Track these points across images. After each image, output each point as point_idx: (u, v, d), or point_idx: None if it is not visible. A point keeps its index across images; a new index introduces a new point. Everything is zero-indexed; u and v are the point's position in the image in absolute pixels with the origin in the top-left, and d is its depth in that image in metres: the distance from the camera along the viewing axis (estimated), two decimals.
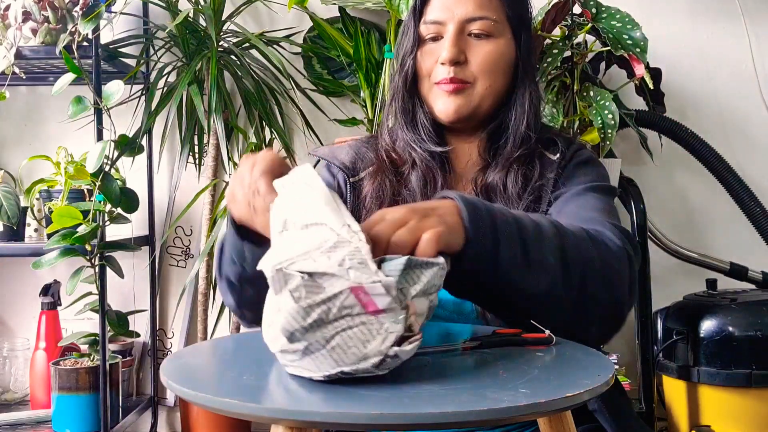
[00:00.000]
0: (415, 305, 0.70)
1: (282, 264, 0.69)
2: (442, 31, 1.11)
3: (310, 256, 0.69)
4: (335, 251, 0.69)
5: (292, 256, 0.69)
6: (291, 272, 0.68)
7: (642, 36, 1.65)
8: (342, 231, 0.70)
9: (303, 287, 0.68)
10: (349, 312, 0.67)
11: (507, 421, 0.84)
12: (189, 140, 1.96)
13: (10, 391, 2.06)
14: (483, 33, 1.10)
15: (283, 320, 0.68)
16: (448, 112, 1.10)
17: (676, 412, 1.81)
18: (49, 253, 1.72)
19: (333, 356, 0.68)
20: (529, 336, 0.84)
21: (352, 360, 0.68)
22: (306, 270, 0.68)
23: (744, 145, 2.07)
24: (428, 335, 0.95)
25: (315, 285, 0.68)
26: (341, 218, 0.71)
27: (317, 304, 0.67)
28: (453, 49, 1.08)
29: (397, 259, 0.70)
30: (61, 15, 1.83)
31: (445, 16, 1.10)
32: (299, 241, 0.71)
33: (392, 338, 0.68)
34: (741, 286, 1.95)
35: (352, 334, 0.68)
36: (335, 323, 0.68)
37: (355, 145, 1.19)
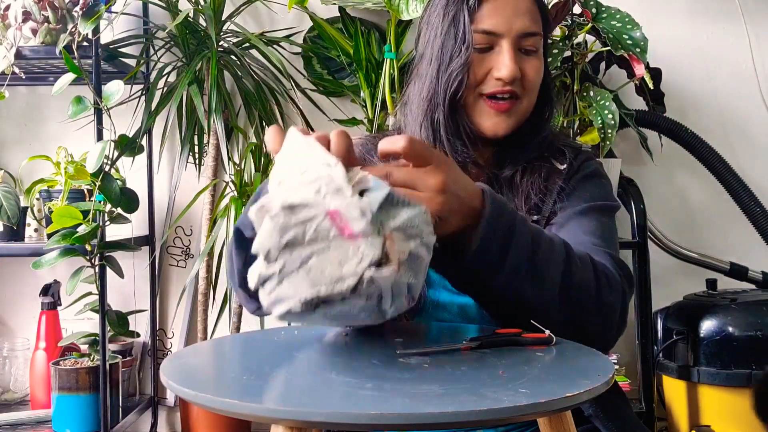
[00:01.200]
0: (393, 238, 0.71)
1: (263, 202, 0.71)
2: (494, 42, 1.06)
3: (287, 191, 0.71)
4: (314, 183, 0.71)
5: (273, 196, 0.72)
6: (270, 206, 0.70)
7: (642, 36, 1.65)
8: (321, 168, 0.73)
9: (282, 214, 0.70)
10: (325, 235, 0.69)
11: (507, 421, 0.84)
12: (189, 140, 1.96)
13: (10, 391, 2.06)
14: (532, 48, 1.07)
15: (259, 239, 0.70)
16: (497, 131, 1.07)
17: (676, 412, 1.81)
18: (49, 253, 1.72)
19: (309, 276, 0.69)
20: (529, 336, 0.84)
21: (328, 281, 0.69)
22: (287, 201, 0.70)
23: (744, 145, 2.07)
24: (431, 335, 0.96)
25: (293, 213, 0.70)
26: (321, 159, 0.74)
27: (293, 226, 0.69)
28: (514, 67, 1.04)
29: (379, 190, 0.72)
30: (61, 15, 1.83)
31: (502, 28, 1.05)
32: (290, 184, 0.73)
33: (368, 260, 0.69)
34: (741, 286, 1.95)
35: (328, 255, 0.69)
36: (311, 245, 0.69)
37: (363, 143, 1.16)
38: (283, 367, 0.76)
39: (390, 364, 0.75)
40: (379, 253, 0.69)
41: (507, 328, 0.88)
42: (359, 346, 0.83)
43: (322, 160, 0.74)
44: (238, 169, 1.93)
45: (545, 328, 0.86)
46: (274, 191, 0.73)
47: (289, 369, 0.75)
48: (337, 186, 0.71)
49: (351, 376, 0.70)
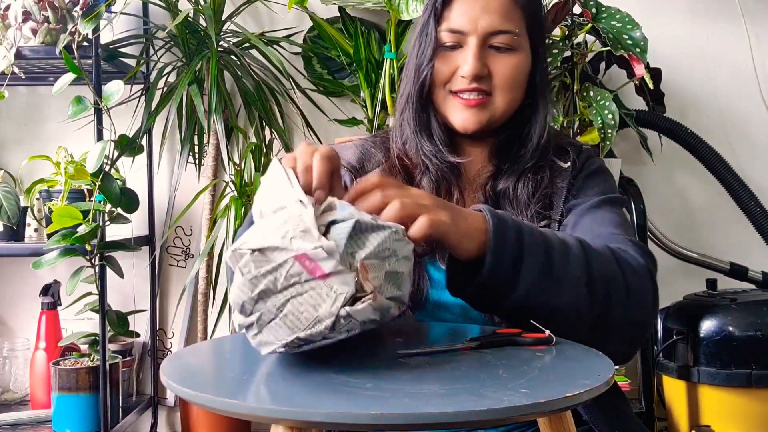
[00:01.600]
0: (367, 267, 0.72)
1: (237, 245, 0.72)
2: (462, 40, 1.07)
3: (263, 234, 0.72)
4: (284, 225, 0.72)
5: (247, 238, 0.72)
6: (242, 251, 0.71)
7: (642, 36, 1.65)
8: (294, 206, 0.74)
9: (252, 262, 0.70)
10: (297, 279, 0.70)
11: (507, 421, 0.84)
12: (189, 140, 1.96)
13: (10, 391, 2.06)
14: (505, 46, 1.07)
15: (233, 294, 0.71)
16: (467, 126, 1.08)
17: (676, 412, 1.81)
18: (49, 253, 1.72)
19: (287, 323, 0.70)
20: (529, 336, 0.84)
21: (305, 325, 0.70)
22: (255, 247, 0.71)
23: (744, 145, 2.07)
24: (431, 335, 0.96)
25: (263, 259, 0.70)
26: (295, 195, 0.75)
27: (263, 275, 0.70)
28: (477, 64, 1.05)
29: (345, 222, 0.72)
30: (61, 15, 1.83)
31: (468, 26, 1.06)
32: (264, 225, 0.74)
33: (341, 299, 0.70)
34: (741, 286, 1.95)
35: (302, 300, 0.70)
36: (284, 292, 0.70)
37: (361, 145, 1.17)
38: (283, 367, 0.76)
39: (390, 364, 0.75)
40: (352, 289, 0.70)
41: (509, 328, 0.88)
42: (359, 346, 0.83)
43: (295, 197, 0.76)
44: (238, 169, 1.93)
45: (580, 328, 0.87)
46: (246, 234, 0.74)
47: (289, 369, 0.75)
48: (305, 228, 0.71)
49: (351, 376, 0.70)
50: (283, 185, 0.78)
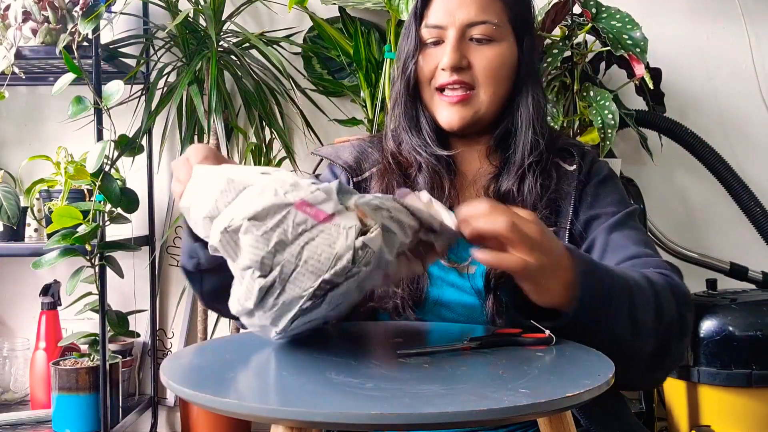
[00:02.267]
0: (362, 210, 0.74)
1: (223, 226, 0.73)
2: (443, 35, 1.09)
3: (249, 202, 0.73)
4: (265, 191, 0.73)
5: (232, 214, 0.73)
6: (235, 224, 0.72)
7: (642, 36, 1.65)
8: (260, 179, 0.75)
9: (252, 227, 0.71)
10: (305, 227, 0.72)
11: (507, 421, 0.84)
12: (189, 140, 1.96)
13: (10, 391, 2.06)
14: (485, 38, 1.07)
15: (248, 256, 0.72)
16: (452, 123, 1.09)
17: (676, 412, 1.81)
18: (49, 253, 1.72)
19: (309, 269, 0.71)
20: (529, 336, 0.84)
21: (327, 265, 0.71)
22: (249, 214, 0.72)
23: (744, 145, 2.07)
24: (431, 335, 0.96)
25: (261, 222, 0.72)
26: (254, 172, 0.77)
27: (271, 229, 0.71)
28: (454, 55, 1.06)
29: (330, 183, 0.76)
30: (61, 15, 1.83)
31: (446, 20, 1.08)
32: (241, 200, 0.75)
33: (353, 232, 0.72)
34: (741, 286, 1.95)
35: (316, 243, 0.72)
36: (297, 241, 0.71)
37: (358, 145, 1.17)
38: (283, 367, 0.76)
39: (390, 364, 0.75)
40: (358, 223, 0.72)
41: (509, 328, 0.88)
42: (359, 346, 0.83)
43: (254, 172, 0.77)
44: None
45: (636, 361, 0.89)
46: (223, 217, 0.74)
47: (289, 369, 0.75)
48: (293, 182, 0.74)
49: (351, 376, 0.70)
50: (222, 178, 0.77)
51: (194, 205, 0.80)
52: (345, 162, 1.14)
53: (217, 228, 0.74)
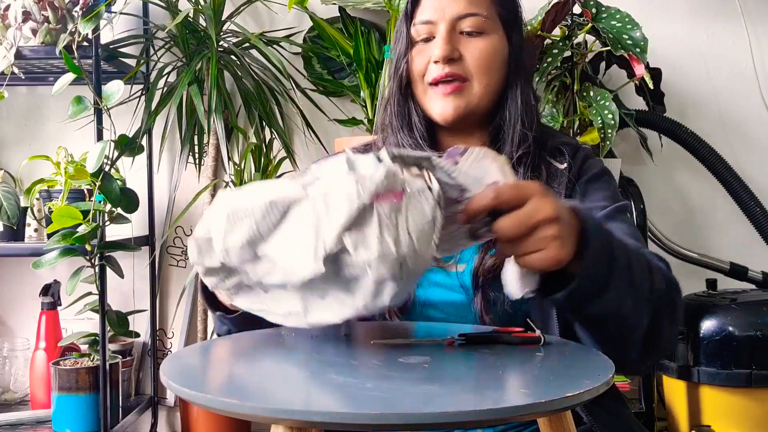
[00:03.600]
0: (412, 171, 0.75)
1: (320, 255, 0.72)
2: (433, 31, 1.10)
3: (325, 226, 0.72)
4: (334, 202, 0.72)
5: (315, 244, 0.72)
6: (332, 246, 0.71)
7: (642, 36, 1.65)
8: (299, 191, 0.74)
9: (357, 238, 0.71)
10: (397, 213, 0.72)
11: (507, 421, 0.84)
12: (189, 140, 1.96)
13: (10, 391, 2.06)
14: (475, 30, 1.09)
15: (376, 269, 0.71)
16: (446, 114, 1.09)
17: (676, 412, 1.81)
18: (49, 253, 1.72)
19: (423, 244, 0.72)
20: (519, 335, 0.85)
21: (432, 230, 0.73)
22: (340, 229, 0.71)
23: (744, 145, 2.07)
24: (430, 334, 0.95)
25: (360, 230, 0.71)
26: (287, 186, 0.75)
27: (379, 233, 0.71)
28: (446, 46, 1.07)
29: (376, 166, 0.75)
30: (61, 15, 1.83)
31: (435, 15, 1.09)
32: (304, 233, 0.73)
33: (428, 193, 0.73)
34: (741, 286, 1.95)
35: (413, 220, 0.72)
36: (400, 229, 0.72)
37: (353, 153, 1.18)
38: (283, 367, 0.76)
39: (390, 364, 0.75)
40: (421, 181, 0.74)
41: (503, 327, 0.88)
42: (359, 346, 0.83)
43: (287, 186, 0.75)
44: (238, 169, 1.93)
45: (635, 339, 0.88)
46: (296, 243, 0.73)
47: (289, 369, 0.76)
48: (350, 183, 0.72)
49: (351, 376, 0.70)
50: (261, 205, 0.75)
51: (222, 232, 0.77)
52: None
53: (308, 259, 0.72)
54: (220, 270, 0.80)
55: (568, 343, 0.85)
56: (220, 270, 0.80)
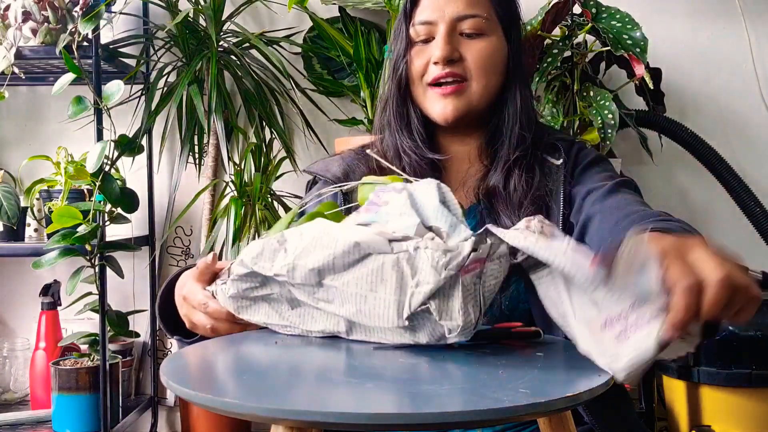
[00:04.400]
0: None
1: (407, 311, 0.76)
2: (433, 31, 1.10)
3: (409, 285, 0.75)
4: (421, 269, 0.75)
5: (393, 299, 0.76)
6: (417, 303, 0.75)
7: (642, 36, 1.65)
8: (382, 244, 0.76)
9: (440, 305, 0.75)
10: (474, 282, 0.75)
11: (507, 421, 0.84)
12: (189, 140, 1.96)
13: (10, 391, 2.06)
14: (474, 31, 1.09)
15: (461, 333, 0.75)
16: (446, 114, 1.09)
17: (677, 412, 1.81)
18: (49, 253, 1.72)
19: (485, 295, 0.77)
20: (518, 330, 0.86)
21: (496, 288, 0.78)
22: (426, 296, 0.74)
23: (744, 145, 2.07)
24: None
25: (445, 301, 0.75)
26: (366, 232, 0.78)
27: (463, 302, 0.74)
28: (446, 47, 1.07)
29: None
30: (61, 15, 1.83)
31: (435, 16, 1.09)
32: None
33: (506, 259, 0.78)
34: None
35: (488, 283, 0.77)
36: (472, 292, 0.76)
37: (347, 157, 1.18)
38: (283, 367, 0.76)
39: (390, 364, 0.75)
40: (486, 245, 0.77)
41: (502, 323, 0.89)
42: (359, 346, 0.83)
43: (366, 231, 0.78)
44: (238, 169, 1.93)
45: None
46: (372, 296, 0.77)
47: (289, 369, 0.75)
48: (435, 251, 0.74)
49: (351, 376, 0.70)
50: (346, 242, 0.78)
51: (299, 249, 0.80)
52: (333, 175, 1.14)
53: (390, 312, 0.76)
54: (256, 278, 0.84)
55: (568, 343, 0.85)
56: (256, 278, 0.84)
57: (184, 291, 0.96)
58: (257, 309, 0.88)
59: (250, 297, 0.87)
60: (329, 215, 0.89)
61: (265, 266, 0.82)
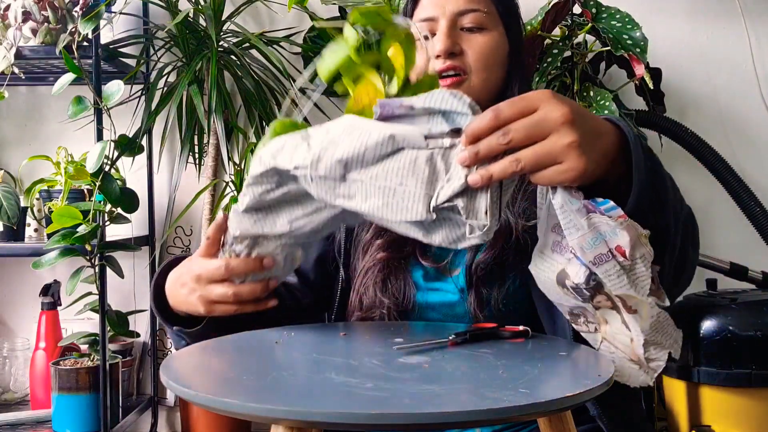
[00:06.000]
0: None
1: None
2: (434, 27, 1.10)
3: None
4: (453, 164, 0.75)
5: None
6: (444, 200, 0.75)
7: (642, 36, 1.65)
8: (428, 142, 0.75)
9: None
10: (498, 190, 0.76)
11: (507, 420, 0.84)
12: (189, 140, 1.96)
13: (10, 391, 2.06)
14: (476, 26, 1.10)
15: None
16: None
17: (677, 412, 1.81)
18: (49, 253, 1.72)
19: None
20: (507, 330, 0.86)
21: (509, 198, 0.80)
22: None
23: (744, 145, 2.07)
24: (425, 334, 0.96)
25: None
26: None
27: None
28: (447, 41, 1.08)
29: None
30: (61, 15, 1.83)
31: (436, 11, 1.10)
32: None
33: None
34: (741, 286, 1.95)
35: (505, 194, 0.77)
36: (496, 199, 0.76)
37: None
38: (283, 367, 0.76)
39: (390, 364, 0.75)
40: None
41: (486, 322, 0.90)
42: (359, 346, 0.83)
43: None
44: (238, 169, 1.93)
45: (670, 261, 0.82)
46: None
47: (289, 369, 0.76)
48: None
49: (351, 376, 0.70)
50: (379, 134, 0.77)
51: (326, 142, 0.78)
52: None
53: (418, 205, 0.75)
54: (272, 179, 0.82)
55: (567, 342, 0.85)
56: (272, 179, 0.82)
57: (195, 270, 0.94)
58: (277, 214, 0.85)
59: (266, 203, 0.84)
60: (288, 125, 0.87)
61: (285, 159, 0.80)
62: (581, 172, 0.70)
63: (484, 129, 0.72)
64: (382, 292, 1.05)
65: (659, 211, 0.80)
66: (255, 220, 0.87)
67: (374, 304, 1.05)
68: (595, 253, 0.72)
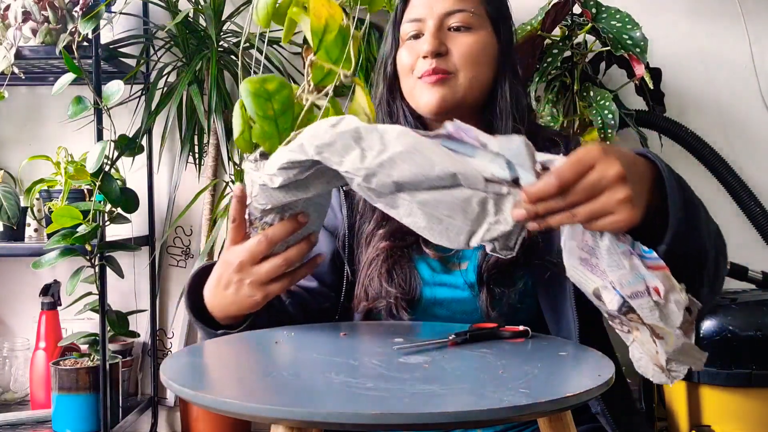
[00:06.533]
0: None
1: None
2: (422, 28, 1.11)
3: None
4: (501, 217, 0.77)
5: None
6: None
7: (642, 36, 1.65)
8: (487, 186, 0.77)
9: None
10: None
11: (507, 421, 0.84)
12: (189, 140, 1.96)
13: (10, 391, 2.06)
14: (463, 26, 1.10)
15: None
16: (431, 104, 1.09)
17: (676, 412, 1.81)
18: (49, 253, 1.72)
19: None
20: (507, 330, 0.86)
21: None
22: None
23: (744, 145, 2.07)
24: (423, 334, 0.96)
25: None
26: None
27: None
28: (434, 41, 1.08)
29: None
30: (61, 15, 1.83)
31: (424, 13, 1.11)
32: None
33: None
34: (741, 286, 1.95)
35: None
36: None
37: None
38: (283, 367, 0.76)
39: (390, 364, 0.75)
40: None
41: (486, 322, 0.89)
42: (359, 346, 0.83)
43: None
44: (238, 169, 1.93)
45: (706, 275, 0.85)
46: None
47: (289, 369, 0.76)
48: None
49: (351, 376, 0.70)
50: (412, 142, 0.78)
51: (386, 155, 0.78)
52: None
53: (461, 237, 0.78)
54: (304, 164, 0.82)
55: (568, 342, 0.86)
56: (304, 164, 0.82)
57: (234, 260, 0.92)
58: (314, 181, 0.85)
59: (301, 179, 0.84)
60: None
61: (333, 160, 0.79)
62: (632, 223, 0.74)
63: (547, 194, 0.74)
64: (387, 282, 1.05)
65: (695, 238, 0.83)
66: (287, 191, 0.86)
67: (380, 295, 1.05)
68: (633, 289, 0.74)
